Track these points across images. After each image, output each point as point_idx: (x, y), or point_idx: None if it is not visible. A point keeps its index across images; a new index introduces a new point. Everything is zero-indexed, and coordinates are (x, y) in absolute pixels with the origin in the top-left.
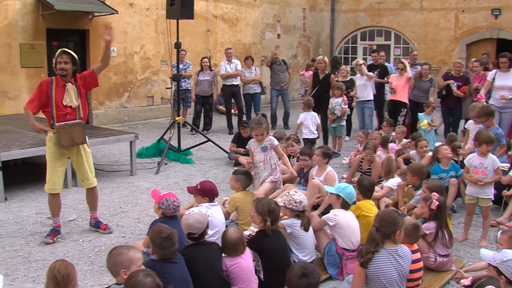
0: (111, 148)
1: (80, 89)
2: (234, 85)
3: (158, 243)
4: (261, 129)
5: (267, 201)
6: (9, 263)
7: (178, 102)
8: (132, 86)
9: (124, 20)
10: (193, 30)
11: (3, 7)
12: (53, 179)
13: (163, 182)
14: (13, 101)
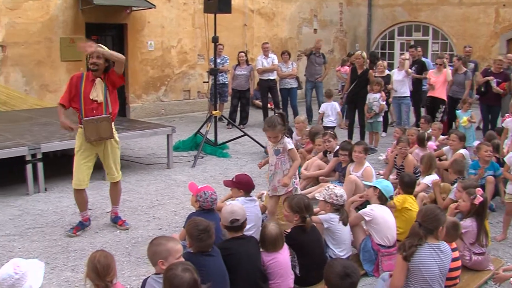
0: (148, 141)
1: (109, 86)
2: (271, 80)
3: (196, 236)
4: (273, 132)
5: (300, 197)
6: (49, 252)
7: (215, 96)
8: (169, 80)
9: (162, 14)
10: (230, 24)
11: (44, 2)
12: (77, 175)
13: (200, 175)
14: (53, 94)
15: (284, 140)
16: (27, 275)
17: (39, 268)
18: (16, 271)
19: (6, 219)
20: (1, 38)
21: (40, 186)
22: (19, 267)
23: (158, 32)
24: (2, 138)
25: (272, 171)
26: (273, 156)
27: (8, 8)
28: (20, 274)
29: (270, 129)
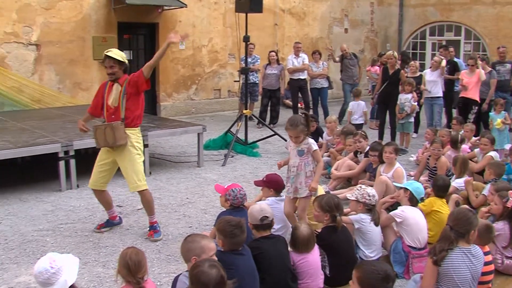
0: (179, 139)
1: (129, 90)
2: (301, 79)
3: (229, 231)
4: (295, 132)
5: (330, 196)
6: (80, 247)
7: (246, 95)
8: (200, 79)
9: (193, 13)
10: (260, 24)
11: (78, 2)
12: (93, 176)
13: (230, 174)
14: (86, 92)
15: (309, 140)
16: (62, 269)
17: (74, 263)
18: (52, 265)
19: (39, 214)
20: (36, 37)
21: (73, 183)
22: (54, 262)
23: (189, 31)
24: (36, 135)
25: (294, 173)
26: (296, 157)
27: (43, 8)
28: (55, 268)
29: (292, 128)
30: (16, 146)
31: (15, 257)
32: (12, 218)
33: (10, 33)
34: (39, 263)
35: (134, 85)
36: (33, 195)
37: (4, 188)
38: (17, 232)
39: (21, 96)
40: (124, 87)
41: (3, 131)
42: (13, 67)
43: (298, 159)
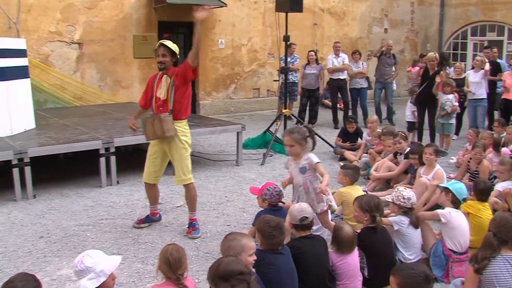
0: (218, 138)
1: (177, 81)
2: (341, 79)
3: (268, 233)
4: (289, 139)
5: (370, 196)
6: (120, 243)
7: (285, 95)
8: (239, 78)
9: (233, 13)
10: (300, 23)
11: (119, 1)
12: (145, 169)
13: (268, 173)
14: (126, 90)
15: (308, 155)
16: (97, 265)
17: (114, 259)
18: (86, 261)
19: (80, 209)
20: (78, 36)
21: (113, 179)
22: (90, 258)
23: (228, 31)
24: (78, 132)
25: (302, 192)
26: (299, 176)
27: (85, 8)
28: (87, 265)
29: (287, 134)
30: (58, 142)
31: (57, 250)
32: (54, 213)
33: (54, 32)
34: (79, 257)
35: (182, 75)
36: (74, 191)
37: (46, 183)
38: (59, 226)
39: (63, 93)
40: (172, 79)
41: (46, 128)
42: (57, 65)
43: (302, 178)
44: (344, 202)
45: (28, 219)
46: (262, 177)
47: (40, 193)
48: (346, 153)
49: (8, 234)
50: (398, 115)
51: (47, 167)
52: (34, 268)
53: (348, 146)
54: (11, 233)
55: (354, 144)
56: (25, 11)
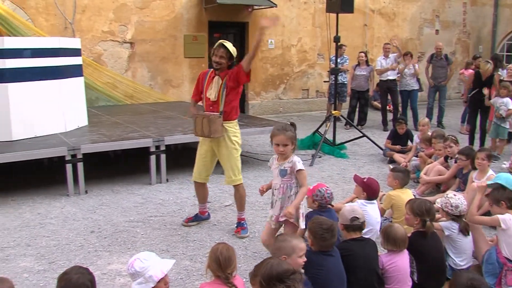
0: (267, 138)
1: (230, 84)
2: (391, 80)
3: (320, 235)
4: (283, 137)
5: (423, 200)
6: (169, 240)
7: (335, 96)
8: (288, 79)
9: (282, 13)
10: (350, 24)
11: (171, 2)
12: (195, 168)
13: (317, 174)
14: (176, 89)
15: (294, 158)
16: (149, 268)
17: (166, 262)
18: (138, 264)
19: (131, 206)
20: (130, 35)
21: (162, 177)
22: (146, 261)
23: (278, 31)
24: (129, 130)
25: (276, 196)
26: (278, 178)
27: (138, 8)
28: (140, 267)
29: (280, 132)
30: (110, 139)
31: (108, 245)
32: (105, 208)
33: (107, 32)
34: (131, 259)
35: (234, 79)
36: (125, 187)
37: (98, 180)
38: (109, 222)
39: (115, 91)
40: (224, 81)
41: (98, 125)
42: (109, 64)
43: (280, 181)
44: (393, 206)
45: (80, 214)
46: (310, 178)
47: (91, 188)
48: (396, 156)
49: (61, 228)
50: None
51: (98, 164)
52: (86, 262)
53: (398, 148)
54: (64, 227)
55: (405, 147)
56: (80, 11)
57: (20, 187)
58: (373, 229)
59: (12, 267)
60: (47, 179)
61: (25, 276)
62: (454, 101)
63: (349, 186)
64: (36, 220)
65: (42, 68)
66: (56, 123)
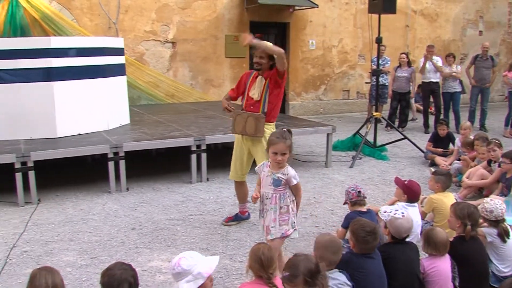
0: (307, 138)
1: (271, 84)
2: (433, 83)
3: (362, 237)
4: (283, 146)
5: (467, 204)
6: (209, 239)
7: (376, 98)
8: (329, 79)
9: (324, 13)
10: (391, 25)
11: (212, 2)
12: (232, 167)
13: (357, 176)
14: (217, 89)
15: (289, 170)
16: (195, 268)
17: (211, 261)
18: (183, 263)
19: (171, 204)
20: (172, 35)
21: (203, 176)
22: (193, 258)
23: (319, 32)
24: (171, 129)
25: (266, 206)
26: (270, 187)
27: (179, 8)
28: (185, 267)
29: (280, 140)
30: (152, 138)
31: (149, 242)
32: (146, 206)
33: (149, 32)
34: (175, 259)
35: (274, 79)
36: (166, 186)
37: (139, 177)
38: (150, 219)
39: (156, 90)
40: (268, 81)
41: (140, 123)
42: (151, 63)
43: (273, 191)
44: (435, 209)
45: (122, 210)
46: (351, 179)
47: (132, 186)
48: (437, 159)
49: (102, 224)
50: None
51: (139, 162)
52: (126, 258)
53: (439, 151)
54: (105, 223)
55: (446, 149)
56: (123, 11)
57: (63, 183)
58: (414, 232)
59: (56, 261)
60: (89, 176)
61: (68, 270)
62: (497, 103)
63: (390, 188)
64: (79, 215)
65: (87, 67)
66: (99, 121)
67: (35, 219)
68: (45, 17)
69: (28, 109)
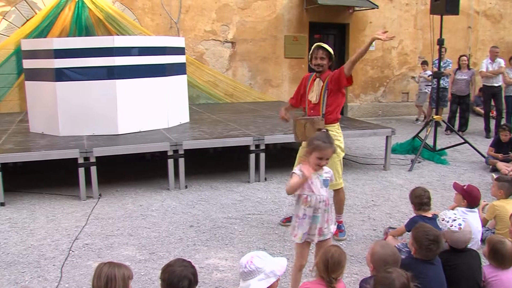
0: (366, 141)
1: (331, 86)
2: (495, 86)
3: (425, 245)
4: (330, 151)
5: None
6: (266, 238)
7: (437, 100)
8: (388, 81)
9: (384, 15)
10: (453, 26)
11: (272, 2)
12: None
13: (416, 180)
14: (275, 89)
15: (327, 168)
16: (263, 269)
17: (281, 261)
18: (251, 263)
19: (229, 202)
20: (231, 35)
21: (261, 176)
22: (265, 257)
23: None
24: (230, 128)
25: (321, 209)
26: (322, 189)
27: (239, 8)
28: (254, 267)
29: (328, 146)
30: (211, 136)
31: (206, 240)
32: (204, 204)
33: (209, 31)
34: (246, 259)
35: (336, 82)
36: (224, 184)
37: (197, 175)
38: (208, 217)
39: (215, 90)
40: (326, 83)
41: (199, 122)
42: (210, 62)
43: (325, 191)
44: (497, 216)
45: (180, 208)
46: (410, 183)
47: (191, 184)
48: (499, 164)
49: (161, 221)
50: None
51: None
52: (184, 255)
53: (501, 157)
54: (164, 219)
55: (508, 155)
56: (184, 11)
57: (123, 179)
58: (475, 238)
59: (116, 255)
60: (148, 172)
61: (127, 265)
62: None
63: (449, 193)
64: (138, 211)
65: (148, 66)
66: (159, 119)
67: (96, 213)
68: (108, 17)
69: (91, 106)
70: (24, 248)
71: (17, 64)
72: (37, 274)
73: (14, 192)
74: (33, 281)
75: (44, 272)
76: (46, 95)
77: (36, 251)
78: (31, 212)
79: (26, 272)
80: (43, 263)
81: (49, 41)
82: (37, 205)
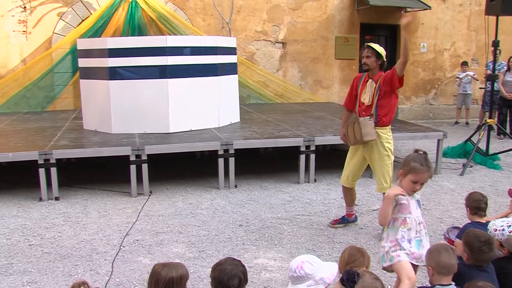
0: (416, 144)
1: (383, 87)
2: None
3: (477, 247)
4: (427, 176)
5: None
6: (315, 240)
7: (490, 104)
8: (440, 84)
9: (436, 16)
10: (508, 27)
11: (323, 3)
12: (344, 171)
13: (468, 185)
14: (326, 90)
15: None
16: (314, 273)
17: (331, 267)
18: (303, 267)
19: (278, 203)
20: (282, 35)
21: (310, 177)
22: (316, 263)
23: (431, 34)
24: (280, 128)
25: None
26: (417, 210)
27: (290, 9)
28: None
29: (426, 170)
30: (262, 137)
31: (255, 239)
32: (253, 204)
33: (260, 32)
34: (296, 263)
35: (388, 83)
36: (273, 185)
37: (246, 175)
38: (257, 217)
39: (266, 90)
40: (378, 85)
41: (249, 122)
42: (261, 63)
43: (421, 213)
44: None
45: (229, 207)
46: (461, 188)
47: (240, 183)
48: None
49: (211, 219)
50: None
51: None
52: (233, 254)
53: None
54: (213, 218)
55: None
56: (235, 12)
57: (173, 177)
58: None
59: (166, 252)
60: (198, 171)
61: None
62: None
63: (502, 199)
64: (188, 209)
65: (200, 65)
66: (210, 118)
67: (146, 210)
68: (161, 17)
69: (143, 104)
70: (77, 242)
71: (72, 63)
72: (89, 267)
73: (69, 187)
74: (85, 274)
75: (96, 266)
76: (100, 93)
77: (89, 245)
78: (83, 207)
79: (79, 265)
80: (95, 257)
81: (104, 40)
82: (89, 200)
